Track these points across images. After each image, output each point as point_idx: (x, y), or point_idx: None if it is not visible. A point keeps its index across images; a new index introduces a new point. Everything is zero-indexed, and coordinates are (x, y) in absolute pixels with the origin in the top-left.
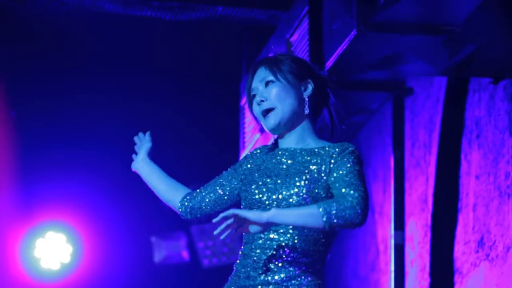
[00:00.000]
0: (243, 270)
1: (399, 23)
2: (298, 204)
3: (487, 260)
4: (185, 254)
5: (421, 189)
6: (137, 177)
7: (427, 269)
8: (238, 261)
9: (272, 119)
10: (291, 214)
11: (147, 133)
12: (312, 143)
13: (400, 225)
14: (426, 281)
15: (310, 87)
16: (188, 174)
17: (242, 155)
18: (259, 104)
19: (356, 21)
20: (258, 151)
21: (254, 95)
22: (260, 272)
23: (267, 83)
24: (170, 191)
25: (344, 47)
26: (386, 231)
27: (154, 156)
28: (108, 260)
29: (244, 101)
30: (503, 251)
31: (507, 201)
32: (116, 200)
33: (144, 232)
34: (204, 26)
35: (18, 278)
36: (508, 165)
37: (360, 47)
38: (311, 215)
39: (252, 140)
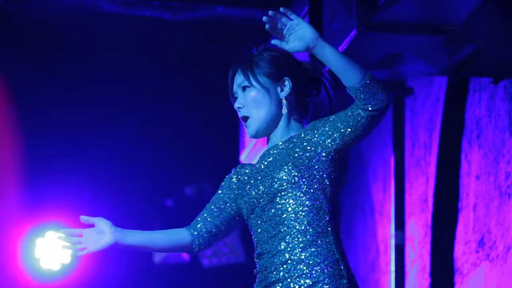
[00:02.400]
0: (265, 265)
1: (399, 23)
2: (294, 181)
3: (487, 260)
4: (185, 254)
5: (421, 189)
6: (137, 178)
7: (427, 269)
8: (256, 267)
9: (250, 128)
10: (336, 50)
11: (85, 219)
12: (294, 132)
13: (400, 225)
14: (426, 281)
15: (287, 85)
16: (187, 174)
17: (242, 155)
18: (238, 110)
19: (356, 21)
20: (241, 166)
21: (235, 99)
22: (276, 255)
23: (243, 88)
24: (170, 234)
25: (344, 47)
26: (386, 231)
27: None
28: (108, 260)
29: None
30: (504, 251)
31: (507, 201)
32: (117, 200)
33: None
34: (204, 26)
35: (18, 278)
36: (509, 165)
37: (360, 47)
38: (355, 62)
39: (252, 140)
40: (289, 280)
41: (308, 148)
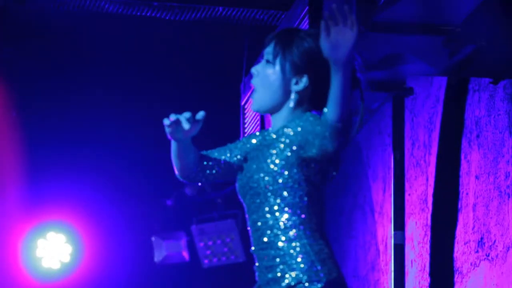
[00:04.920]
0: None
1: (399, 23)
2: (272, 172)
3: (487, 260)
4: (185, 254)
5: (421, 189)
6: (137, 178)
7: (427, 269)
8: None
9: (253, 103)
10: (346, 85)
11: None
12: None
13: (400, 225)
14: (426, 281)
15: (303, 82)
16: None
17: None
18: (253, 75)
19: (356, 21)
20: (251, 139)
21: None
22: (258, 262)
23: (267, 60)
24: (195, 160)
25: None
26: (386, 231)
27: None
28: (108, 260)
29: (244, 101)
30: (503, 251)
31: (507, 201)
32: (117, 200)
33: (144, 232)
34: (204, 26)
35: (19, 277)
36: (508, 165)
37: (360, 47)
38: (347, 104)
39: None
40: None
41: (281, 143)
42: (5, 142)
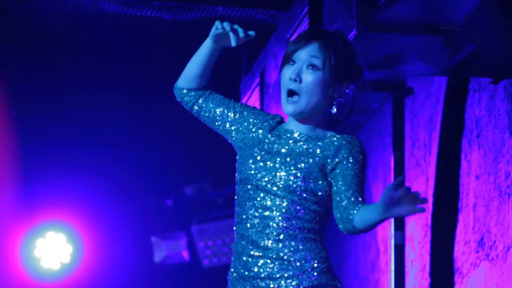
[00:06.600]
0: (244, 251)
1: (399, 23)
2: (294, 186)
3: (487, 260)
4: (185, 254)
5: (421, 189)
6: (137, 177)
7: (427, 269)
8: (235, 243)
9: (292, 108)
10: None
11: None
12: (320, 132)
13: (400, 225)
14: (426, 281)
15: (344, 87)
16: (188, 173)
17: None
18: (290, 79)
19: (356, 21)
20: (265, 122)
21: (292, 63)
22: (259, 250)
23: (312, 66)
24: (207, 78)
25: None
26: (386, 231)
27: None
28: (108, 260)
29: (244, 101)
30: (503, 251)
31: (507, 201)
32: (116, 200)
33: (144, 232)
34: (204, 26)
35: (18, 277)
36: (508, 165)
37: (360, 47)
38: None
39: None
40: None
41: (324, 166)
42: (5, 141)
